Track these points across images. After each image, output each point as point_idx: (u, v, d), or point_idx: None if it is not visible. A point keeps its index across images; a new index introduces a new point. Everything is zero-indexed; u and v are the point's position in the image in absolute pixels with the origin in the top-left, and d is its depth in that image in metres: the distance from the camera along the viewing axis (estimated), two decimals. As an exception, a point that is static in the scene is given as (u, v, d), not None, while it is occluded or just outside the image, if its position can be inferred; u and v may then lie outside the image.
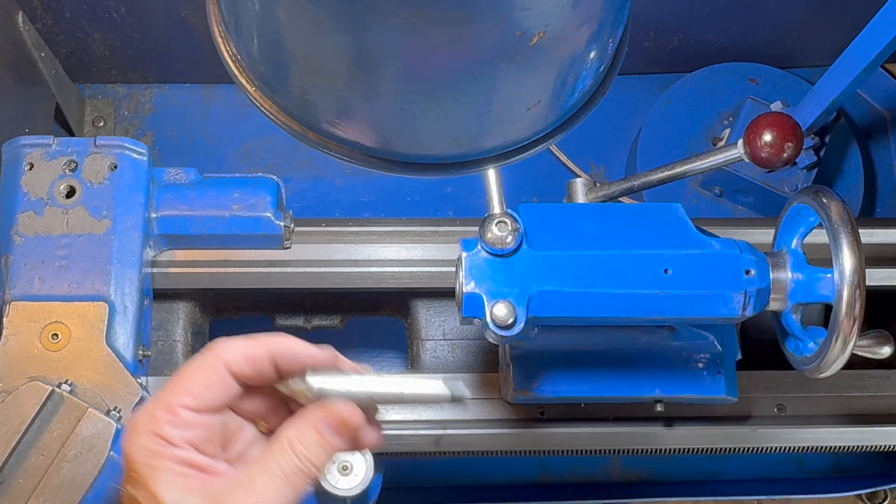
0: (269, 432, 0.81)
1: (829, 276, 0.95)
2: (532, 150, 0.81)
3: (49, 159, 1.10)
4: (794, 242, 1.00)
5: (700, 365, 1.08)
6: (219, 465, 0.76)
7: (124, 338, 1.05)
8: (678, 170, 1.13)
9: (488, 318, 0.90)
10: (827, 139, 1.64)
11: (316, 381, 0.76)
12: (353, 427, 0.76)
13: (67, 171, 1.09)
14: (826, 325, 0.95)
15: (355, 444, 0.77)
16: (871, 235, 1.20)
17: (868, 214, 1.80)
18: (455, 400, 0.77)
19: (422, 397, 0.77)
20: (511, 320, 0.90)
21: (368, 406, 0.77)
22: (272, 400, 0.80)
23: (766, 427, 1.19)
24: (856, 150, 1.77)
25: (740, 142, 1.10)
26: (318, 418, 0.75)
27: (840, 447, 1.21)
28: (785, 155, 1.09)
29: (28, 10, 1.60)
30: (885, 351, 1.01)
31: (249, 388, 0.78)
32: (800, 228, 1.00)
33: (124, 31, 1.69)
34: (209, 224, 1.12)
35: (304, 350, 0.76)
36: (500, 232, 0.90)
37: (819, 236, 0.98)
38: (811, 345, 0.99)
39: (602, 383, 1.08)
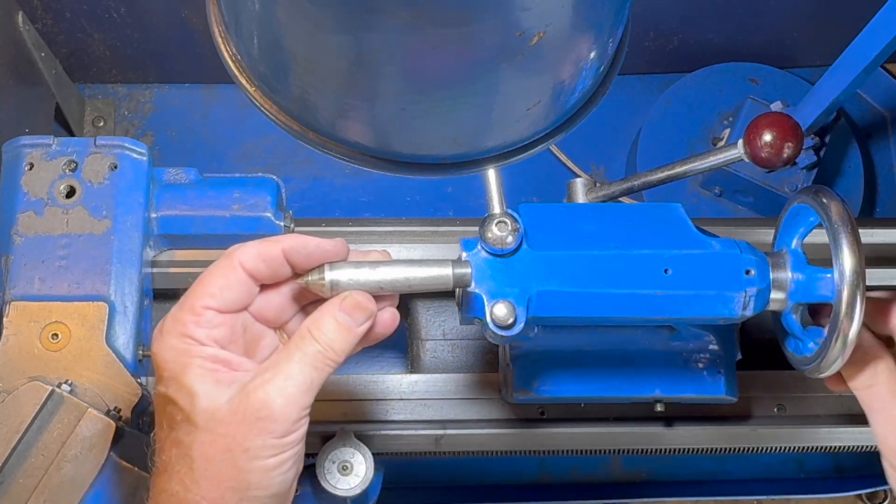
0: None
1: (829, 276, 0.95)
2: (532, 150, 0.81)
3: (49, 159, 1.10)
4: (794, 242, 1.00)
5: (700, 365, 1.08)
6: (245, 361, 0.82)
7: (124, 338, 1.05)
8: (678, 170, 1.13)
9: (488, 318, 0.90)
10: (827, 139, 1.65)
11: (329, 274, 0.82)
12: (366, 310, 0.82)
13: (67, 171, 1.09)
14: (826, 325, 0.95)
15: (373, 332, 0.84)
16: (871, 235, 1.20)
17: (868, 214, 1.80)
18: (458, 284, 0.86)
19: (429, 285, 0.85)
20: (511, 320, 0.90)
21: (383, 293, 0.84)
22: (290, 305, 0.87)
23: (766, 427, 1.19)
24: (856, 150, 1.77)
25: (740, 142, 1.10)
26: (333, 306, 0.81)
27: (840, 447, 1.21)
28: (785, 155, 1.09)
29: (28, 10, 1.60)
30: None
31: (268, 288, 0.84)
32: (800, 228, 1.00)
33: (124, 31, 1.69)
34: (209, 224, 1.12)
35: (317, 245, 0.83)
36: (500, 232, 0.90)
37: (819, 236, 0.98)
38: (811, 345, 0.99)
39: (602, 383, 1.07)
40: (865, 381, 0.96)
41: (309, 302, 0.87)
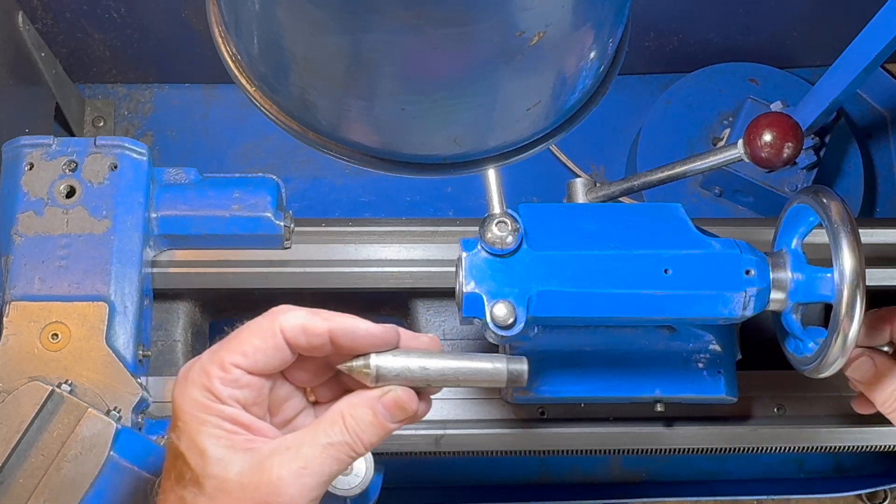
0: (316, 403, 0.82)
1: (829, 276, 0.95)
2: (532, 150, 0.81)
3: (49, 159, 1.10)
4: (794, 242, 1.00)
5: (700, 365, 1.08)
6: (265, 427, 0.77)
7: (124, 338, 1.05)
8: (678, 170, 1.13)
9: (488, 318, 0.90)
10: (827, 139, 1.64)
11: (375, 364, 0.76)
12: (406, 411, 0.77)
13: (67, 171, 1.09)
14: (826, 325, 0.95)
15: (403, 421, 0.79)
16: (871, 235, 1.20)
17: (868, 214, 1.80)
18: (512, 381, 0.79)
19: (479, 380, 0.78)
20: (511, 320, 0.90)
21: (425, 387, 0.78)
22: (325, 371, 0.81)
23: (766, 427, 1.19)
24: (856, 150, 1.77)
25: (740, 142, 1.10)
26: (375, 398, 0.76)
27: (840, 447, 1.21)
28: (785, 155, 1.09)
29: (28, 10, 1.60)
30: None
31: (303, 357, 0.78)
32: (800, 228, 1.00)
33: (124, 31, 1.69)
34: (209, 224, 1.12)
35: (367, 331, 0.77)
36: (500, 232, 0.90)
37: (819, 236, 0.98)
38: (811, 345, 0.99)
39: (602, 383, 1.08)
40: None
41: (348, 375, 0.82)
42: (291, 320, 0.76)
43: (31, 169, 1.09)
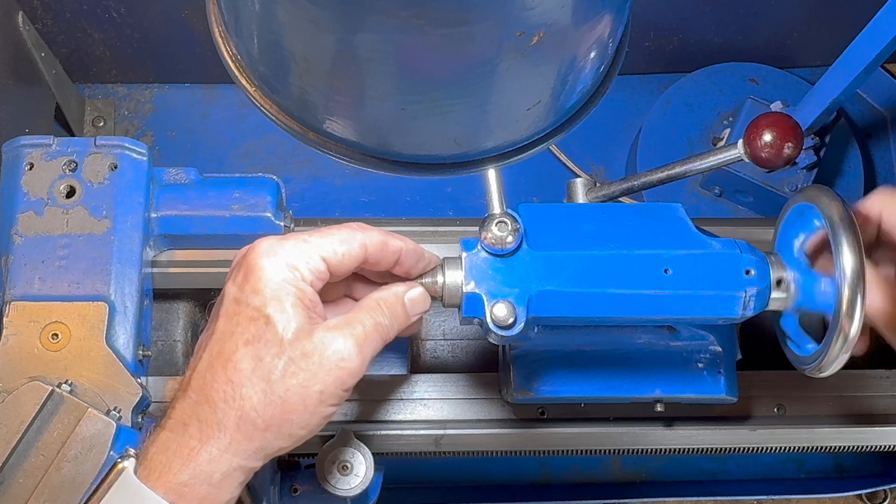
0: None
1: (829, 276, 0.95)
2: (532, 150, 0.81)
3: (49, 159, 1.10)
4: (795, 242, 1.00)
5: (700, 365, 1.08)
6: (323, 312, 0.86)
7: (124, 338, 1.05)
8: (678, 170, 1.13)
9: (488, 318, 0.90)
10: (827, 139, 1.65)
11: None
12: (425, 307, 0.92)
13: (67, 171, 1.09)
14: (826, 325, 0.95)
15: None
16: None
17: (868, 214, 1.79)
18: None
19: None
20: (511, 320, 0.90)
21: None
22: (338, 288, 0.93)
23: (766, 427, 1.19)
24: (856, 150, 1.77)
25: (740, 142, 1.10)
26: (402, 292, 0.90)
27: (840, 447, 1.21)
28: (785, 155, 1.09)
29: (28, 10, 1.60)
30: None
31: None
32: (800, 228, 1.00)
33: (124, 31, 1.69)
34: (209, 224, 1.12)
35: (429, 254, 0.93)
36: (500, 232, 0.90)
37: (819, 236, 0.98)
38: (811, 345, 0.99)
39: (602, 383, 1.08)
40: None
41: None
42: (375, 237, 0.87)
43: (31, 169, 1.09)
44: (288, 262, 0.83)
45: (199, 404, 0.82)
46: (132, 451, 0.89)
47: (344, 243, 0.85)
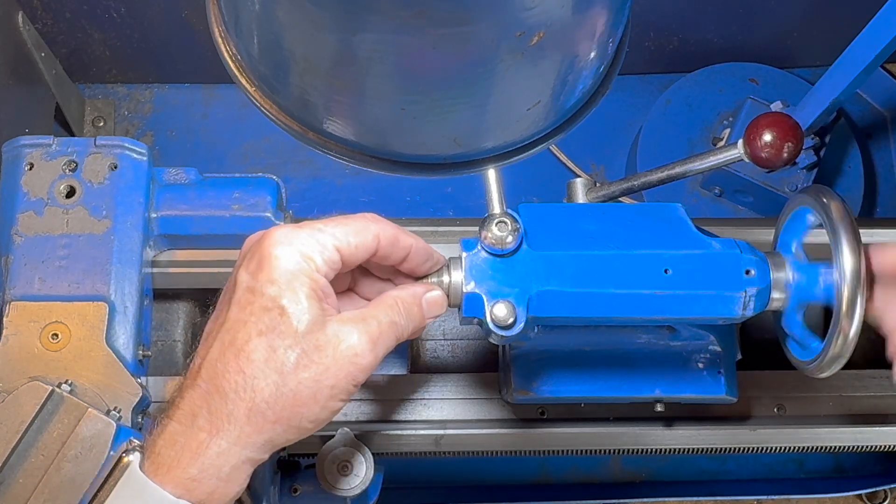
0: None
1: (829, 276, 0.95)
2: (532, 150, 0.81)
3: (49, 159, 1.10)
4: (794, 242, 1.00)
5: (700, 365, 1.08)
6: (335, 304, 0.85)
7: (124, 338, 1.05)
8: (678, 170, 1.13)
9: (488, 318, 0.90)
10: (827, 139, 1.65)
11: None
12: (441, 311, 0.91)
13: (67, 171, 1.09)
14: (826, 325, 0.95)
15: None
16: (871, 235, 1.20)
17: (868, 214, 1.80)
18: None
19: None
20: (511, 320, 0.90)
21: None
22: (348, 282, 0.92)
23: (766, 427, 1.19)
24: (856, 150, 1.77)
25: (740, 142, 1.10)
26: (421, 293, 0.89)
27: (840, 447, 1.21)
28: (785, 155, 1.09)
29: (28, 10, 1.61)
30: None
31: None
32: (800, 228, 1.00)
33: (124, 31, 1.69)
34: (209, 224, 1.12)
35: (438, 256, 0.91)
36: (500, 232, 0.90)
37: (819, 236, 0.98)
38: (811, 345, 0.99)
39: (602, 383, 1.07)
40: None
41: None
42: (388, 230, 0.85)
43: (31, 169, 1.09)
44: (303, 251, 0.81)
45: (210, 394, 0.81)
46: (136, 443, 0.88)
47: (358, 234, 0.84)
